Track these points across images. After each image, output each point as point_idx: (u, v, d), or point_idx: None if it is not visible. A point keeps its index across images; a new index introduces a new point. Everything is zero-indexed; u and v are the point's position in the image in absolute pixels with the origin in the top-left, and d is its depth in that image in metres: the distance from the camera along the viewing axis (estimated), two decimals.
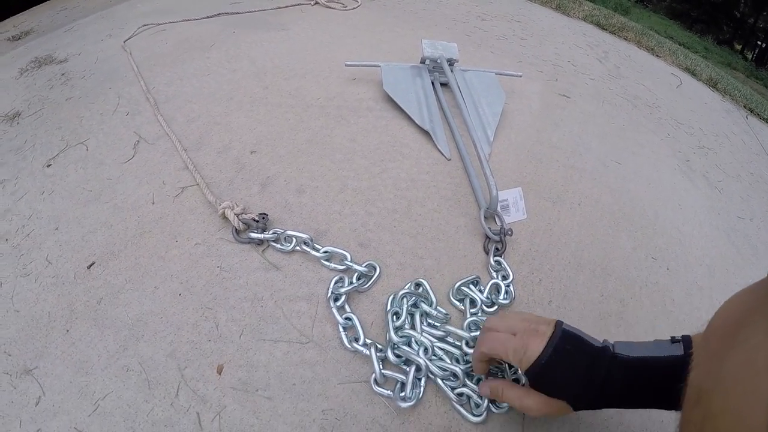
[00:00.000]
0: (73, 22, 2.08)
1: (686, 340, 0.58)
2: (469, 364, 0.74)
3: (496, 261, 0.93)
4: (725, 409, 0.35)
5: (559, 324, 0.64)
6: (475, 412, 0.70)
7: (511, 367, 0.74)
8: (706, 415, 0.37)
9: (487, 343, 0.67)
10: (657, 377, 0.57)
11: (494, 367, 0.74)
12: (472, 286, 0.86)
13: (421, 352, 0.73)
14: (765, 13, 22.16)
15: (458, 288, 0.86)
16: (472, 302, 0.85)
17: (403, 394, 0.70)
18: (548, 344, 0.61)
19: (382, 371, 0.72)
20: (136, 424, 0.66)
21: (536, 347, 0.61)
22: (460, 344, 0.76)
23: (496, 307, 0.86)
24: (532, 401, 0.63)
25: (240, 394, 0.70)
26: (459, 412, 0.71)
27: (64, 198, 1.01)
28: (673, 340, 0.59)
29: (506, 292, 0.88)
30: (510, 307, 0.87)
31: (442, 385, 0.72)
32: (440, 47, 1.45)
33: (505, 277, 0.90)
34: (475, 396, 0.71)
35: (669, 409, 0.57)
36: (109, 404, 0.68)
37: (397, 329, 0.78)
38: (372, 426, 0.68)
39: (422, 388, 0.72)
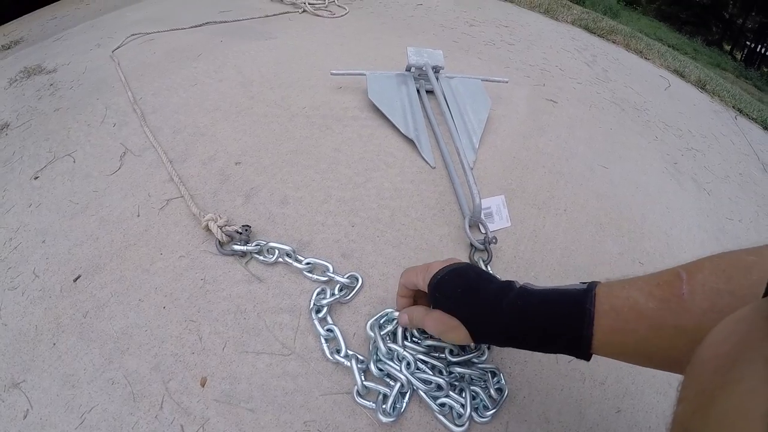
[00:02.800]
0: (62, 31, 2.08)
1: (594, 282, 0.58)
2: (453, 375, 0.75)
3: None
4: None
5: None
6: (457, 422, 0.71)
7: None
8: None
9: (404, 277, 0.75)
10: (557, 302, 0.58)
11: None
12: None
13: (403, 368, 0.74)
14: (753, 14, 22.27)
15: None
16: None
17: (384, 406, 0.70)
18: (447, 266, 0.68)
19: (364, 383, 0.72)
20: None
21: (437, 267, 0.69)
22: (444, 355, 0.77)
23: None
24: (431, 318, 0.68)
25: (223, 407, 0.70)
26: (441, 423, 0.71)
27: (51, 210, 1.01)
28: (583, 283, 0.59)
29: None
30: None
31: (425, 396, 0.72)
32: (425, 54, 1.45)
33: None
34: (457, 406, 0.71)
35: (575, 343, 0.55)
36: (95, 417, 0.68)
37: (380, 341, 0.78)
38: None
39: (405, 403, 0.72)
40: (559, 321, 0.57)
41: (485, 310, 0.62)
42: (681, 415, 0.38)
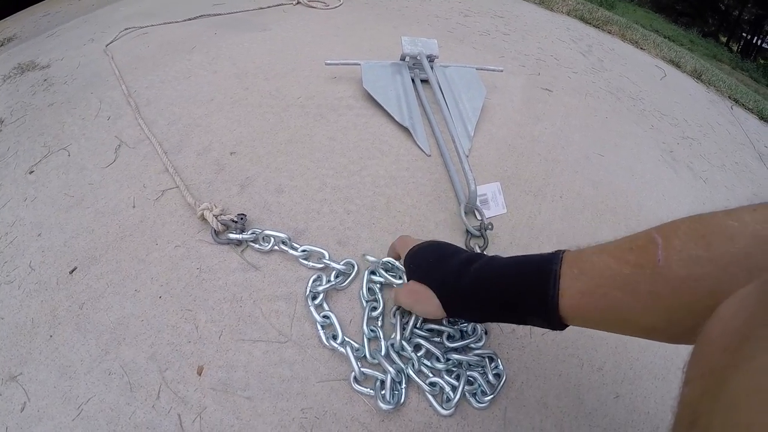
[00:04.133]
0: (55, 27, 2.07)
1: (562, 250, 0.57)
2: (450, 361, 0.75)
3: None
4: None
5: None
6: (444, 406, 0.71)
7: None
8: None
9: (388, 251, 0.84)
10: (524, 270, 0.57)
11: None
12: None
13: (392, 354, 0.74)
14: (750, 5, 22.22)
15: None
16: None
17: (383, 392, 0.70)
18: (422, 242, 0.71)
19: (361, 369, 0.72)
20: (119, 427, 0.66)
21: (413, 243, 0.71)
22: (441, 340, 0.77)
23: None
24: (404, 289, 0.70)
25: (220, 395, 0.70)
26: (430, 403, 0.71)
27: (47, 204, 1.01)
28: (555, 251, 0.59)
29: None
30: None
31: (414, 375, 0.72)
32: (420, 44, 1.45)
33: None
34: (448, 388, 0.72)
35: (543, 310, 0.54)
36: (92, 408, 0.68)
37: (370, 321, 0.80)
38: (352, 424, 0.69)
39: (403, 390, 0.72)
40: (524, 281, 0.56)
41: (453, 277, 0.63)
42: (688, 397, 0.36)
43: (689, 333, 0.41)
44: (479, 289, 0.61)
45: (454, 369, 0.74)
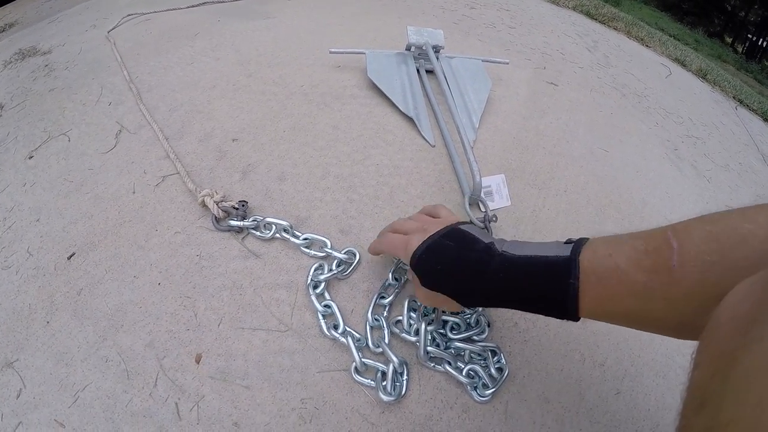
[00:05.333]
0: (57, 13, 2.07)
1: (579, 241, 0.57)
2: (450, 348, 0.75)
3: None
4: (735, 419, 0.30)
5: (452, 225, 0.69)
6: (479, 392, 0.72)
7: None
8: (713, 424, 0.32)
9: (384, 245, 0.76)
10: (540, 274, 0.56)
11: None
12: None
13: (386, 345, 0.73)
14: (756, 7, 22.18)
15: None
16: None
17: (384, 383, 0.70)
18: (425, 241, 0.66)
19: (363, 360, 0.71)
20: (115, 414, 0.66)
21: (416, 243, 0.66)
22: (445, 331, 0.76)
23: None
24: (422, 293, 0.68)
25: (218, 384, 0.69)
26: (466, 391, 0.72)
27: (46, 189, 1.00)
28: (567, 241, 0.58)
29: None
30: None
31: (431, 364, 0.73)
32: (426, 34, 1.43)
33: None
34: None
35: (560, 313, 0.55)
36: (88, 395, 0.67)
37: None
38: (352, 415, 0.68)
39: (404, 382, 0.71)
40: (542, 294, 0.56)
41: (466, 285, 0.62)
42: (698, 380, 0.37)
43: (699, 330, 0.41)
44: (496, 297, 0.61)
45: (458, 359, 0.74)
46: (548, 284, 0.55)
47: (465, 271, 0.62)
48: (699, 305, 0.44)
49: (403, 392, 0.70)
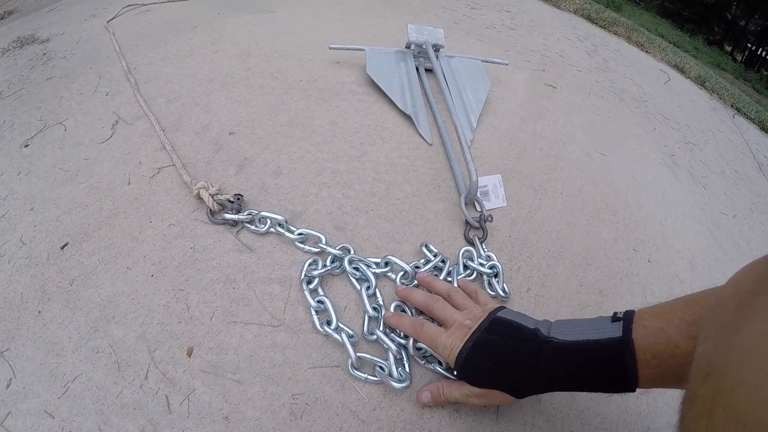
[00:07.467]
0: (57, 1, 2.05)
1: (627, 317, 0.57)
2: None
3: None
4: (740, 382, 0.31)
5: (491, 314, 0.66)
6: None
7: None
8: (718, 389, 0.33)
9: (423, 338, 0.69)
10: (595, 359, 0.57)
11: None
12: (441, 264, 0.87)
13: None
14: (756, 16, 22.22)
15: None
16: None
17: (386, 372, 0.70)
18: (469, 339, 0.64)
19: (358, 355, 0.71)
20: (105, 406, 0.65)
21: (458, 343, 0.64)
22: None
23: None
24: (473, 393, 0.65)
25: (209, 377, 0.69)
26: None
27: (41, 178, 1.00)
28: (614, 318, 0.59)
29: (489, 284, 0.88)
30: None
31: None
32: (426, 32, 1.43)
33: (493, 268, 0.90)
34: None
35: (619, 391, 0.56)
36: (78, 386, 0.67)
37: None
38: (342, 411, 0.68)
39: (407, 366, 0.72)
40: (600, 377, 0.57)
41: (520, 380, 0.61)
42: (704, 353, 0.38)
43: None
44: (551, 385, 0.61)
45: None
46: (605, 368, 0.56)
47: (518, 366, 0.61)
48: None
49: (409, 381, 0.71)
